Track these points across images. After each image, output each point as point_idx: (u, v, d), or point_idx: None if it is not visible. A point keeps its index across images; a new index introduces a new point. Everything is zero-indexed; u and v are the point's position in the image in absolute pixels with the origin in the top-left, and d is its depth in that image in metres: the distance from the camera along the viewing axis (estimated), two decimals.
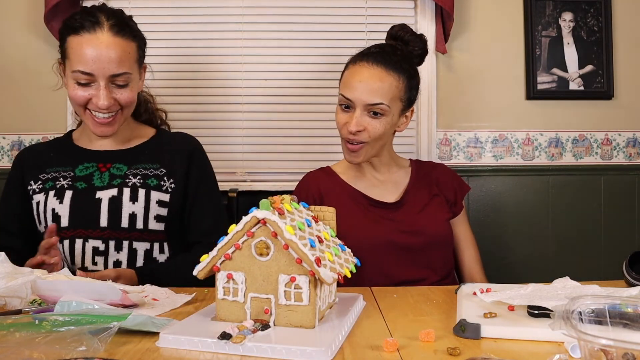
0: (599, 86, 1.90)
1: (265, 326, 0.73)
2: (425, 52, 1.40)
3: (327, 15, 1.88)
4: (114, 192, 1.25)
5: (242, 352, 0.67)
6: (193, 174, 1.34)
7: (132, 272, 1.14)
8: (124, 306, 0.87)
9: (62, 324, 0.69)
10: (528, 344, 0.72)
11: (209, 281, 0.86)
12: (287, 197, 0.85)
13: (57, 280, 0.89)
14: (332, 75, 1.46)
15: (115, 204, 1.24)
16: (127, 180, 1.27)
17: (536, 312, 0.78)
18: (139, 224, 1.25)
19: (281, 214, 0.77)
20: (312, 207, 0.92)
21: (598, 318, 0.64)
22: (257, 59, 1.87)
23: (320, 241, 0.80)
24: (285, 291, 0.74)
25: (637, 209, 1.92)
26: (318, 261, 0.72)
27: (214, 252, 0.77)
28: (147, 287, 1.03)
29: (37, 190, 1.29)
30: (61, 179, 1.28)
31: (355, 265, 0.87)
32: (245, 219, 0.75)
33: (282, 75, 1.88)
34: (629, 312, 0.65)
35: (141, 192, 1.26)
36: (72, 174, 1.29)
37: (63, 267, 1.07)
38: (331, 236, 0.89)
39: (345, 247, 0.91)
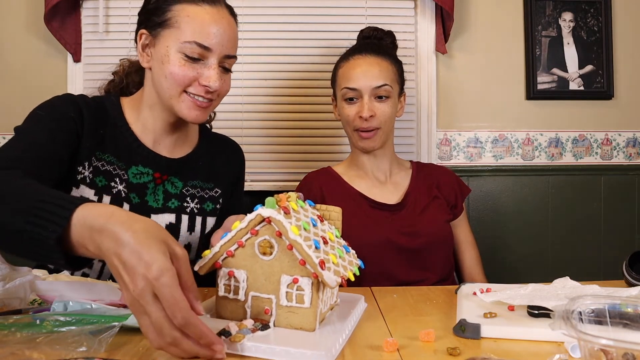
0: (599, 86, 1.90)
1: (265, 326, 0.73)
2: (395, 46, 1.52)
3: (327, 16, 1.88)
4: (171, 218, 1.13)
5: (240, 351, 0.67)
6: (235, 193, 1.29)
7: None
8: (124, 306, 0.87)
9: (62, 324, 0.69)
10: (528, 344, 0.72)
11: (210, 281, 0.86)
12: (293, 194, 0.81)
13: (56, 280, 0.89)
14: None
15: (172, 234, 1.10)
16: (185, 205, 1.15)
17: (536, 312, 0.78)
18: (192, 255, 1.16)
19: (287, 213, 0.74)
20: (319, 205, 0.89)
21: (598, 318, 0.64)
22: (257, 59, 1.87)
23: (325, 242, 0.78)
24: (287, 292, 0.73)
25: (637, 209, 1.92)
26: (322, 264, 0.70)
27: (216, 249, 0.75)
28: None
29: (87, 179, 1.06)
30: (117, 180, 1.09)
31: (359, 267, 0.85)
32: (249, 216, 0.73)
33: (282, 75, 1.88)
34: (629, 312, 0.65)
35: (198, 220, 1.17)
36: (126, 176, 1.10)
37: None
38: (336, 237, 0.86)
39: (350, 248, 0.88)
